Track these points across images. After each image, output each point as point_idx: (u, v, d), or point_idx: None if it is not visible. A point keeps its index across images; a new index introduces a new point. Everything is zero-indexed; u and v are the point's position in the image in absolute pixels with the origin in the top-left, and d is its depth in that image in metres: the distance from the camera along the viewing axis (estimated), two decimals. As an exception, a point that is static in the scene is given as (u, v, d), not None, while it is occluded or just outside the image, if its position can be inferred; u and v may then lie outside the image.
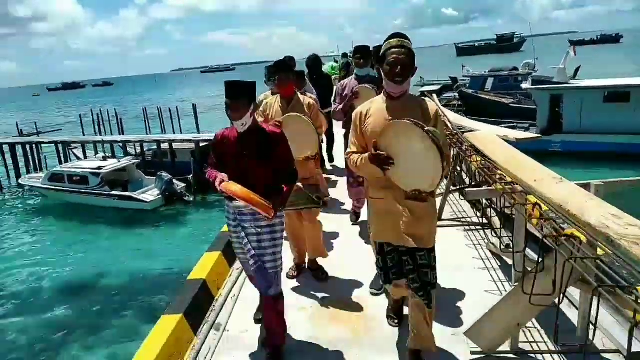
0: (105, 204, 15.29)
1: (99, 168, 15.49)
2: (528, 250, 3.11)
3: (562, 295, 2.12)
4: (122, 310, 8.87)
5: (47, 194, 16.76)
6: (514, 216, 2.84)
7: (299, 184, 3.58)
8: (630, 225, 1.77)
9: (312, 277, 4.03)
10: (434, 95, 7.87)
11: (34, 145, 20.86)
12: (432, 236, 2.57)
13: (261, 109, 3.93)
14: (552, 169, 2.74)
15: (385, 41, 2.48)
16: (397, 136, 2.24)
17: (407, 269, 2.59)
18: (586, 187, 2.65)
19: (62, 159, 19.66)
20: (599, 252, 2.04)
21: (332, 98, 5.84)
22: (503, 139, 3.85)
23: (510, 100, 19.94)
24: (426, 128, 2.17)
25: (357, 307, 3.56)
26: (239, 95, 2.71)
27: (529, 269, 2.61)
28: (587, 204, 2.13)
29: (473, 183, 4.73)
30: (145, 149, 18.53)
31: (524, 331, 2.91)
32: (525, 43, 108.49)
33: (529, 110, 17.94)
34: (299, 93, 3.96)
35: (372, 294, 3.72)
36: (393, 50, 2.38)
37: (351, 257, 4.37)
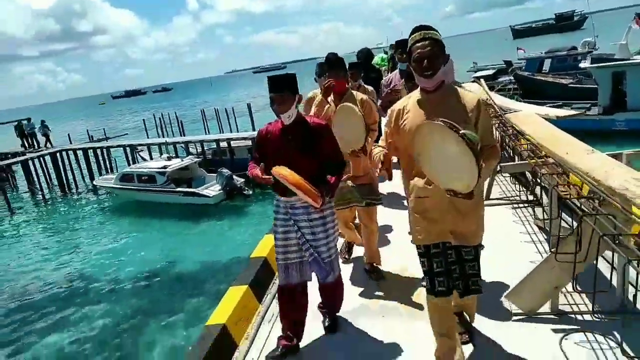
0: (172, 200, 16.29)
1: (165, 167, 16.52)
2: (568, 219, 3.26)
3: (596, 260, 2.31)
4: (192, 296, 9.58)
5: (118, 193, 18.05)
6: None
7: (349, 182, 3.67)
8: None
9: (367, 275, 3.98)
10: (482, 81, 7.91)
11: (104, 150, 22.45)
12: (478, 234, 2.49)
13: (313, 109, 3.90)
14: (616, 148, 2.88)
15: (409, 36, 2.38)
16: (432, 134, 2.12)
17: (450, 261, 2.47)
18: (617, 157, 2.79)
19: (130, 161, 21.09)
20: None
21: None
22: (544, 118, 3.99)
23: (569, 81, 19.20)
24: (461, 131, 2.02)
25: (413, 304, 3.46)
26: (283, 88, 2.73)
27: (562, 235, 2.79)
28: (613, 171, 2.32)
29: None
30: (205, 148, 19.57)
31: (564, 294, 3.09)
32: (587, 20, 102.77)
33: (589, 90, 17.22)
34: (352, 90, 3.90)
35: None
36: (417, 45, 2.29)
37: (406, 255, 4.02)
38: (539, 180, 4.80)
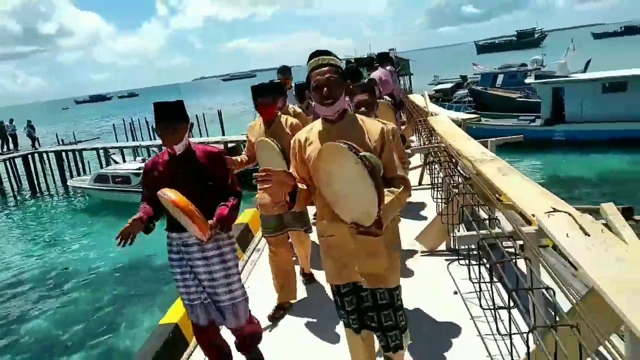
0: (145, 200, 17.02)
1: (140, 169, 17.26)
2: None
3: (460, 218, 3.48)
4: (168, 282, 10.46)
5: (93, 194, 18.63)
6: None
7: (282, 214, 3.58)
8: (486, 156, 3.14)
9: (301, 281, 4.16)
10: (426, 93, 9.22)
11: (76, 153, 22.88)
12: (390, 274, 2.26)
13: (246, 132, 3.84)
14: (556, 157, 3.95)
15: (307, 61, 2.26)
16: (332, 156, 1.99)
17: (365, 305, 2.32)
18: (485, 144, 4.00)
19: (103, 164, 21.64)
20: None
21: None
22: (452, 120, 5.27)
23: (517, 95, 21.02)
24: (361, 153, 1.90)
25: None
26: (176, 117, 2.53)
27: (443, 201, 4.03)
28: (474, 149, 3.51)
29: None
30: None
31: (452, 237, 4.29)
32: (547, 38, 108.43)
33: (534, 104, 18.95)
34: (281, 115, 3.73)
35: None
36: (314, 72, 2.17)
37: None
38: (434, 163, 6.03)
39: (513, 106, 20.09)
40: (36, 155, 22.63)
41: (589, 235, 1.82)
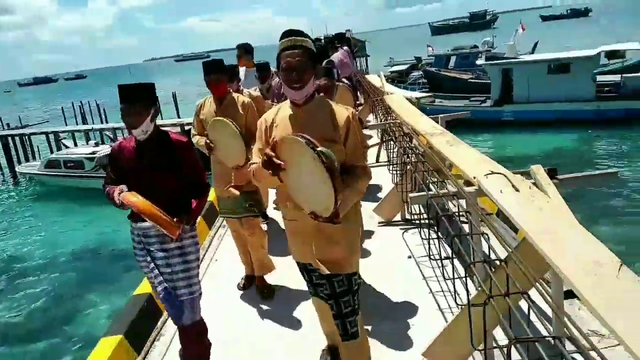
0: (100, 185, 16.64)
1: (93, 153, 16.83)
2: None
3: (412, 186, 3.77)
4: (126, 268, 10.40)
5: (44, 180, 18.03)
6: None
7: (235, 190, 3.43)
8: (436, 130, 3.42)
9: (257, 294, 3.74)
10: (381, 73, 9.50)
11: (25, 137, 21.96)
12: (349, 261, 2.27)
13: (195, 111, 3.68)
14: (505, 136, 4.20)
15: (280, 40, 2.17)
16: (292, 149, 1.97)
17: (324, 293, 2.33)
18: (436, 120, 4.31)
19: (54, 149, 20.89)
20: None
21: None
22: (407, 99, 5.57)
23: (469, 76, 21.74)
24: (318, 148, 1.89)
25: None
26: (137, 99, 2.43)
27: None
28: (426, 124, 3.78)
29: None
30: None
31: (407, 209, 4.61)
32: (499, 20, 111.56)
33: (485, 85, 19.65)
34: (233, 92, 3.62)
35: None
36: (285, 53, 2.11)
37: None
38: (390, 140, 6.31)
39: (465, 87, 20.79)
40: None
41: (518, 191, 2.11)
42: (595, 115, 16.46)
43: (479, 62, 19.61)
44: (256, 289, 3.76)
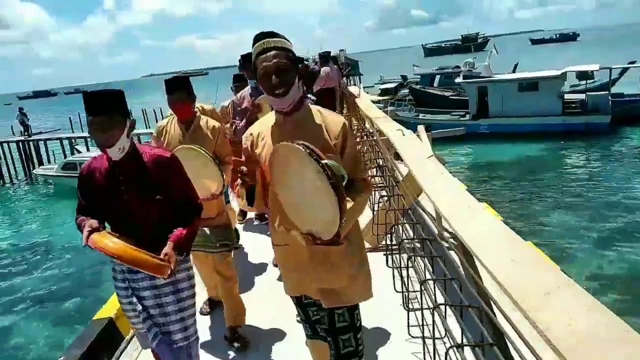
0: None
1: (107, 156, 18.50)
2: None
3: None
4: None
5: (60, 181, 19.62)
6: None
7: (205, 229, 3.07)
8: (397, 131, 5.17)
9: (228, 344, 3.24)
10: (361, 85, 11.30)
11: (40, 143, 23.66)
12: (353, 290, 1.99)
13: (155, 134, 3.25)
14: (481, 147, 5.51)
15: (253, 44, 1.89)
16: (289, 158, 1.74)
17: (323, 329, 2.09)
18: (406, 124, 6.06)
19: (68, 154, 22.60)
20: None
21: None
22: (372, 101, 7.43)
23: (450, 93, 23.73)
24: (323, 161, 1.64)
25: None
26: (109, 109, 1.96)
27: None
28: (390, 126, 5.55)
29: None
30: (142, 142, 21.76)
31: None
32: (489, 42, 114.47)
33: (465, 101, 21.54)
34: (201, 115, 3.26)
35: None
36: (261, 57, 1.84)
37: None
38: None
39: (447, 103, 22.71)
40: (-1, 145, 23.25)
41: (404, 135, 3.92)
42: (561, 128, 18.42)
43: (458, 80, 21.58)
44: (227, 340, 3.25)
